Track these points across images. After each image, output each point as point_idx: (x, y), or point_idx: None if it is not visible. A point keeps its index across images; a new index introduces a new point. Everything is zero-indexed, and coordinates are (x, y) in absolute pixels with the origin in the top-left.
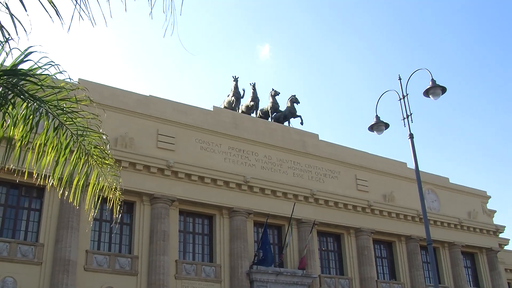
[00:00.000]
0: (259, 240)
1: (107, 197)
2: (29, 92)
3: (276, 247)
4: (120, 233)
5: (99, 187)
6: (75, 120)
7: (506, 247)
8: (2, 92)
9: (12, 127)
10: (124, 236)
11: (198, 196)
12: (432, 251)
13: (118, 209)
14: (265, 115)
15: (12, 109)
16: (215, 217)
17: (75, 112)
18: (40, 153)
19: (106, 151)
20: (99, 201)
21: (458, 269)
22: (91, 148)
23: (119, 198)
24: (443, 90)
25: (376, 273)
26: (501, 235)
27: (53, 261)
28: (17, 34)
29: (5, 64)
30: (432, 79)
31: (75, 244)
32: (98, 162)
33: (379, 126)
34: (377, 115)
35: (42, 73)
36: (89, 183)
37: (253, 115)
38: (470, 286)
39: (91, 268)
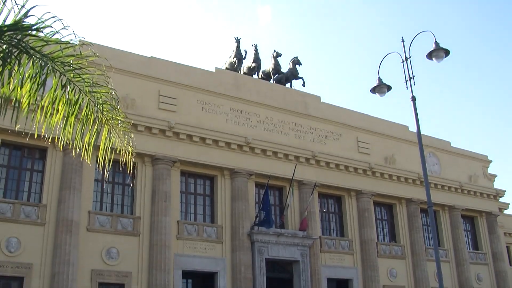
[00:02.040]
0: (260, 201)
1: (112, 159)
2: (35, 49)
3: (277, 208)
4: (122, 194)
5: (111, 142)
6: (83, 76)
7: (505, 211)
8: (7, 49)
9: (19, 86)
10: (126, 197)
11: (199, 157)
12: (432, 213)
13: (131, 164)
14: (267, 76)
15: (18, 67)
16: (216, 178)
17: (83, 68)
18: (49, 112)
19: (116, 106)
20: (105, 160)
21: (458, 232)
22: (100, 104)
23: (132, 153)
24: (446, 52)
25: (376, 235)
26: (501, 200)
27: (56, 222)
28: None
29: (7, 23)
30: (436, 41)
31: (78, 205)
32: (108, 117)
33: (381, 88)
34: (379, 77)
35: (47, 26)
36: (100, 141)
37: (255, 76)
38: (469, 249)
39: (94, 229)
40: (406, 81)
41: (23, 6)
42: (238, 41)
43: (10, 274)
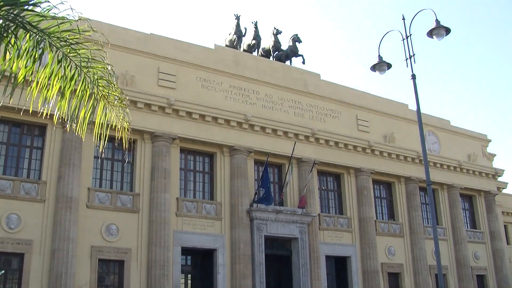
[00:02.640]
0: (260, 179)
1: (110, 135)
2: (32, 24)
3: (276, 185)
4: (122, 171)
5: (106, 118)
6: (79, 52)
7: (504, 190)
8: (4, 24)
9: (15, 61)
10: (126, 173)
11: (199, 134)
12: (431, 191)
13: (127, 140)
14: (266, 53)
15: (14, 42)
16: (215, 155)
17: (79, 43)
18: (45, 87)
19: (111, 82)
20: (103, 136)
21: (456, 211)
22: (96, 79)
23: (128, 129)
24: (447, 31)
25: (375, 213)
26: (499, 179)
27: (56, 199)
28: None
29: None
30: (436, 19)
31: (77, 182)
32: (104, 93)
33: (381, 66)
34: (379, 55)
35: (44, 1)
36: (96, 116)
37: (255, 53)
38: (467, 227)
39: (93, 206)
40: (407, 59)
41: None
42: (238, 18)
43: (10, 250)
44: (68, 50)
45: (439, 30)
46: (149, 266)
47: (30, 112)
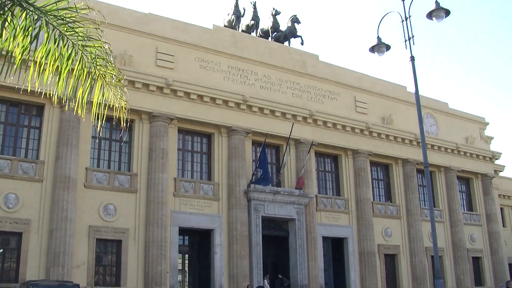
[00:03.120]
0: (257, 160)
1: (108, 115)
2: (28, 1)
3: (274, 166)
4: (119, 151)
5: (104, 97)
6: (76, 30)
7: (501, 173)
8: (0, 1)
9: (12, 39)
10: (123, 154)
11: (197, 114)
12: (428, 173)
13: (124, 118)
14: (265, 34)
15: (11, 20)
16: (213, 135)
17: (76, 22)
18: (42, 66)
19: (109, 61)
20: (101, 116)
21: (453, 193)
22: (93, 58)
23: (125, 108)
24: (447, 12)
25: (372, 195)
26: (497, 162)
27: (54, 178)
28: None
29: None
30: (436, 1)
31: (75, 162)
32: (101, 72)
33: (380, 47)
34: (378, 36)
35: None
36: (94, 96)
37: (253, 34)
38: (464, 210)
39: (91, 185)
40: (406, 41)
41: None
42: None
43: (8, 229)
44: (65, 29)
45: (439, 12)
46: (147, 246)
47: (28, 91)
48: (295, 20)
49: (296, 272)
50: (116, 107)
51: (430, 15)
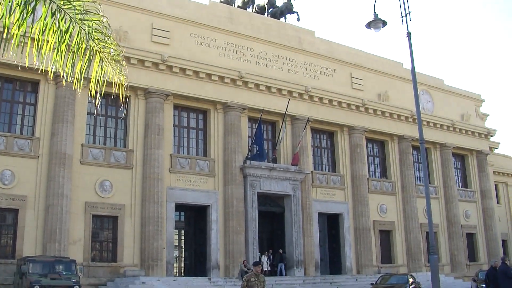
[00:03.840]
0: (253, 136)
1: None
2: None
3: (270, 143)
4: (115, 127)
5: (103, 71)
6: (73, 4)
7: (496, 150)
8: None
9: (7, 16)
10: (119, 130)
11: (192, 90)
12: (424, 150)
13: (123, 94)
14: (261, 10)
15: None
16: (209, 111)
17: None
18: (40, 42)
19: (107, 34)
20: (99, 91)
21: (448, 169)
22: (91, 32)
23: (124, 83)
24: None
25: (367, 171)
26: (492, 139)
27: (50, 155)
28: None
29: None
30: None
31: (71, 138)
32: (99, 46)
33: (376, 23)
34: (375, 12)
35: None
36: (92, 71)
37: (249, 10)
38: (459, 186)
39: (87, 162)
40: (402, 17)
41: None
42: None
43: (5, 206)
44: (62, 2)
45: None
46: (143, 222)
47: (26, 66)
48: None
49: (291, 248)
50: (114, 82)
51: None
